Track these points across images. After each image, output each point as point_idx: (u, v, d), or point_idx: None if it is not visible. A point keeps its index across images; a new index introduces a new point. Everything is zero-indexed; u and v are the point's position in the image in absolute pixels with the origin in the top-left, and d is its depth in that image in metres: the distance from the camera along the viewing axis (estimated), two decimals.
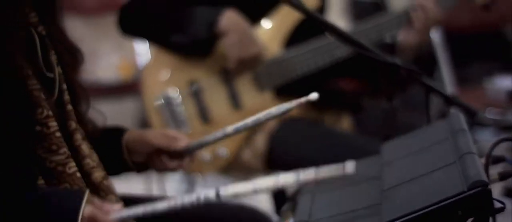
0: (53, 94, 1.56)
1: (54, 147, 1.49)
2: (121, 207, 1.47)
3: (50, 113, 1.48)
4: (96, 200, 1.47)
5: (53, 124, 1.49)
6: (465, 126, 1.57)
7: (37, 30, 1.53)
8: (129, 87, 4.45)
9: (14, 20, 1.46)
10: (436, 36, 3.77)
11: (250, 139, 2.55)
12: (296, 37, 2.61)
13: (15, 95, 1.43)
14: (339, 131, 2.67)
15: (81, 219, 1.39)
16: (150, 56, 2.77)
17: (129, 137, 1.75)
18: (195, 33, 2.46)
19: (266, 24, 2.60)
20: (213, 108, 2.54)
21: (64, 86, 1.59)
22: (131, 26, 2.61)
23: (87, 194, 1.43)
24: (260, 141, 2.54)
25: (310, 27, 2.54)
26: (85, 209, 1.41)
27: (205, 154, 2.51)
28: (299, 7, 1.92)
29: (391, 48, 2.49)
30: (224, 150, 2.53)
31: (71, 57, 1.62)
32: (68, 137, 1.56)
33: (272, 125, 2.53)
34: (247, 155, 2.56)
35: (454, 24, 4.08)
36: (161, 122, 2.53)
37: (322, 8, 2.70)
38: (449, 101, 1.98)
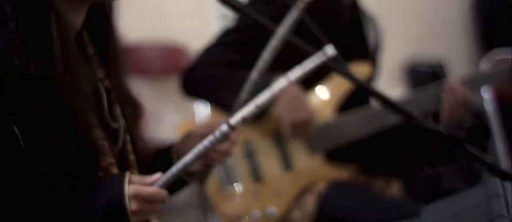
0: (117, 144, 1.69)
1: None
2: (159, 175, 1.55)
3: (113, 160, 1.60)
4: (136, 177, 1.55)
5: (115, 170, 1.60)
6: (500, 191, 1.64)
7: (104, 85, 1.66)
8: None
9: (84, 76, 1.59)
10: (489, 106, 3.82)
11: (300, 200, 2.64)
12: (349, 102, 2.71)
13: (81, 144, 1.55)
14: (388, 195, 2.74)
15: (128, 199, 1.48)
16: (209, 117, 2.90)
17: (177, 144, 1.83)
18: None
19: (319, 90, 2.71)
20: (265, 168, 2.65)
21: (128, 137, 1.71)
22: (193, 88, 2.75)
23: (127, 175, 1.52)
24: (310, 201, 2.63)
25: (362, 94, 2.64)
26: (129, 188, 1.50)
27: (255, 212, 2.61)
28: (349, 76, 2.01)
29: (437, 116, 2.56)
30: (274, 209, 2.63)
31: (133, 110, 1.74)
32: None
33: (322, 186, 2.62)
34: (297, 215, 2.65)
35: (507, 94, 4.12)
36: (215, 179, 2.65)
37: (373, 75, 2.80)
38: (491, 168, 2.04)
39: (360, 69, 2.69)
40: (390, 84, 5.06)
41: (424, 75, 5.44)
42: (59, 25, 1.50)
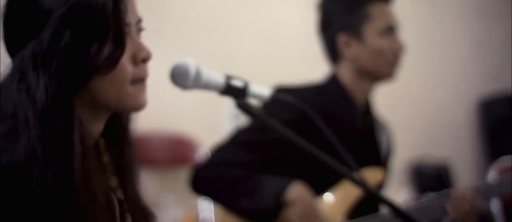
0: None
1: None
2: None
3: None
4: None
5: None
6: None
7: (117, 195, 1.63)
8: None
9: (98, 187, 1.55)
10: (496, 210, 3.79)
11: None
12: (359, 209, 2.67)
13: None
14: None
15: None
16: (212, 214, 2.85)
17: None
18: (262, 201, 2.55)
19: (330, 196, 2.68)
20: None
21: None
22: (203, 187, 2.70)
23: None
24: None
25: (373, 200, 2.61)
26: None
27: None
28: (360, 184, 1.99)
29: None
30: None
31: (144, 220, 1.71)
32: None
33: None
34: None
35: None
36: None
37: (385, 181, 2.78)
38: None
39: (372, 175, 2.67)
40: (395, 185, 5.03)
41: (428, 177, 5.43)
42: (82, 135, 1.47)
